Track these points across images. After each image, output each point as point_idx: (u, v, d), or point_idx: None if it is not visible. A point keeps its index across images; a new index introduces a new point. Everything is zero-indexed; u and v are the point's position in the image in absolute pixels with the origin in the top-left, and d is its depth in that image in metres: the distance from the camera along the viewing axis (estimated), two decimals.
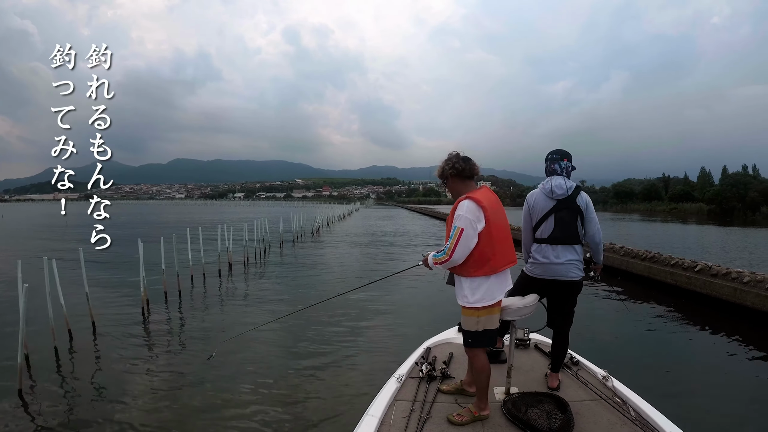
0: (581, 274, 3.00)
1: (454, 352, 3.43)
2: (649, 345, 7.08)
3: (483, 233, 2.48)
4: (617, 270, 12.44)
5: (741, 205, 55.05)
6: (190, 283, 10.65)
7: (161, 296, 9.23)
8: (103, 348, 6.46)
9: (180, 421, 4.35)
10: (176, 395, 4.89)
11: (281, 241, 19.75)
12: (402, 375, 3.03)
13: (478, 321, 2.54)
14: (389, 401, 2.72)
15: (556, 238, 2.94)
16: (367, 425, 2.44)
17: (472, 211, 2.47)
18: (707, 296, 9.33)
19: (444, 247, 2.53)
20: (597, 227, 3.02)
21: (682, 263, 10.28)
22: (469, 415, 2.55)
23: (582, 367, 3.28)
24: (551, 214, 2.94)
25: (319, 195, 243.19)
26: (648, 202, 75.95)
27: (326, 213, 34.99)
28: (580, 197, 2.96)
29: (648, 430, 2.38)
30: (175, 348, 6.54)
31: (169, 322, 7.80)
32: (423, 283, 10.81)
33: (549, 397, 2.69)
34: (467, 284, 2.55)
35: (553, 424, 2.41)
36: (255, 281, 11.63)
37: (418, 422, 2.49)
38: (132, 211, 64.30)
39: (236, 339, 6.11)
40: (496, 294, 2.57)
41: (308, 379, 5.30)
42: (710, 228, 34.79)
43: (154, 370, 5.66)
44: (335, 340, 6.71)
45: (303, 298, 9.66)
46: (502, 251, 2.57)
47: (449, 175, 2.69)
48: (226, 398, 4.77)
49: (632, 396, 2.76)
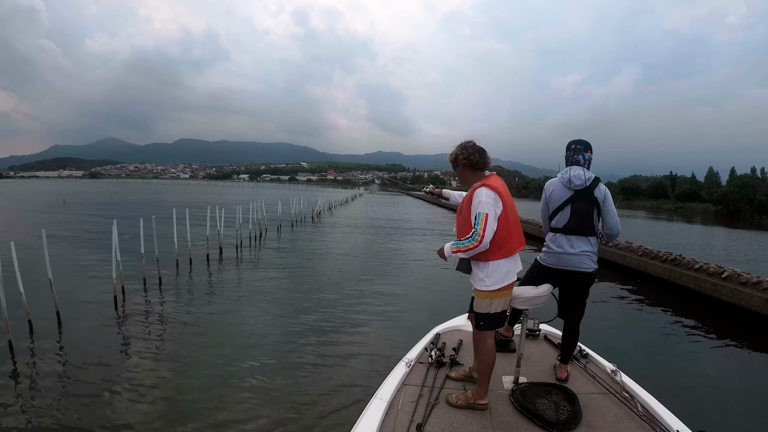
0: (594, 266, 2.98)
1: (463, 339, 3.46)
2: (661, 346, 6.68)
3: (501, 217, 2.55)
4: (635, 271, 11.71)
5: (749, 207, 54.12)
6: (175, 270, 9.95)
7: (139, 283, 8.57)
8: (63, 343, 5.77)
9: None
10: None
11: (278, 225, 18.93)
12: (411, 360, 3.05)
13: (491, 303, 2.59)
14: (398, 385, 2.73)
15: (571, 228, 2.93)
16: (375, 408, 2.45)
17: (491, 197, 2.52)
18: (734, 306, 8.63)
19: (468, 236, 2.51)
20: (615, 220, 2.99)
21: (707, 268, 9.52)
22: (465, 400, 2.60)
23: (591, 361, 3.27)
24: (568, 204, 2.94)
25: (324, 179, 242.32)
26: (654, 200, 75.31)
27: (328, 197, 34.24)
28: (599, 189, 2.93)
29: (655, 425, 2.36)
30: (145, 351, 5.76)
31: (144, 315, 7.00)
32: (435, 270, 10.73)
33: (557, 389, 2.71)
34: (485, 268, 2.59)
35: (560, 415, 2.42)
36: (244, 270, 10.89)
37: (426, 407, 2.51)
38: (131, 190, 63.79)
39: (240, 320, 6.35)
40: (510, 276, 2.63)
41: (317, 363, 5.32)
42: (718, 229, 34.12)
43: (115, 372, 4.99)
44: (346, 324, 6.77)
45: (298, 290, 8.97)
46: (516, 234, 2.66)
47: (462, 165, 2.72)
48: (230, 384, 4.72)
49: (640, 391, 2.76)
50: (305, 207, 25.13)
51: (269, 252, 13.34)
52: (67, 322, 6.33)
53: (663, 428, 2.35)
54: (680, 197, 71.12)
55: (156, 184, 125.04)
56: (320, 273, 10.67)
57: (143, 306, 7.43)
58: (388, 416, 2.44)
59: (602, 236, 3.07)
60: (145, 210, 23.30)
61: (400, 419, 2.42)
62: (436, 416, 2.46)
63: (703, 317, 8.44)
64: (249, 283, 9.36)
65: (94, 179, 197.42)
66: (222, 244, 12.40)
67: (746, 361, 6.48)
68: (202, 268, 10.37)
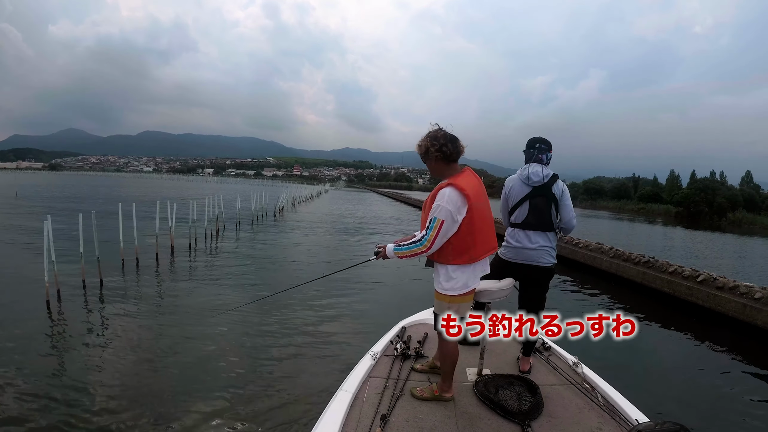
0: (553, 260, 3.04)
1: (428, 333, 3.47)
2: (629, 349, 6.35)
3: (464, 222, 2.39)
4: (606, 273, 11.30)
5: (708, 210, 56.05)
6: (120, 271, 8.82)
7: (76, 288, 7.49)
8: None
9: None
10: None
11: (237, 222, 17.72)
12: (377, 353, 3.04)
13: (450, 307, 2.49)
14: (363, 378, 2.73)
15: (529, 223, 2.98)
16: (340, 400, 2.44)
17: (453, 201, 2.35)
18: (710, 310, 8.27)
19: (418, 238, 2.41)
20: (572, 215, 3.03)
21: (682, 271, 9.13)
22: (430, 393, 2.59)
23: (553, 353, 3.33)
24: (526, 200, 2.99)
25: (290, 174, 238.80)
26: (617, 201, 77.40)
27: (292, 193, 33.07)
28: (556, 185, 2.98)
29: (615, 415, 2.42)
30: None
31: (82, 323, 6.03)
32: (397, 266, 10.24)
33: (520, 380, 2.75)
34: (443, 271, 2.49)
35: (523, 405, 2.44)
36: (197, 269, 9.85)
37: (391, 399, 2.52)
38: (90, 183, 60.65)
39: (199, 324, 5.99)
40: (470, 283, 2.51)
41: (282, 358, 5.24)
42: (680, 230, 34.95)
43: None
44: (306, 324, 6.47)
45: (256, 288, 8.07)
46: (482, 240, 2.49)
47: (434, 158, 2.48)
48: (193, 385, 4.49)
49: (600, 382, 2.81)
50: (267, 203, 23.96)
51: (225, 251, 12.28)
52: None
53: (622, 417, 2.40)
54: (642, 198, 73.27)
55: (117, 177, 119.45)
56: (281, 271, 10.06)
57: (81, 312, 6.49)
58: (353, 408, 2.44)
59: (558, 231, 3.11)
60: (98, 204, 21.68)
61: (365, 411, 2.42)
62: (400, 407, 2.48)
63: (678, 321, 8.10)
64: (202, 283, 8.45)
65: (54, 171, 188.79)
66: (173, 241, 11.17)
67: (727, 363, 6.36)
68: (150, 269, 9.29)
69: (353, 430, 2.25)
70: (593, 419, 2.42)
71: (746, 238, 31.40)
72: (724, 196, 56.89)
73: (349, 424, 2.29)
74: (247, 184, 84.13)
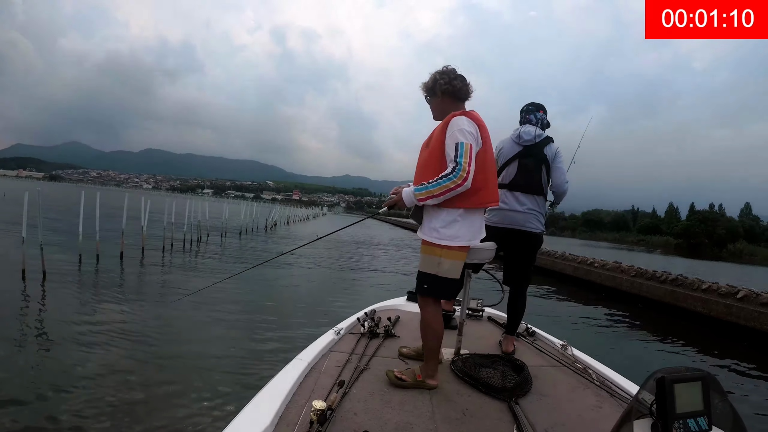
0: (541, 227, 2.76)
1: (401, 317, 3.08)
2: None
3: (479, 155, 1.95)
4: (628, 294, 10.19)
5: (708, 241, 55.30)
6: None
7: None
8: None
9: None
10: None
11: (223, 233, 16.59)
12: (341, 329, 2.63)
13: (441, 262, 1.97)
14: (323, 350, 2.30)
15: (517, 184, 2.74)
16: (294, 368, 2.00)
17: (472, 126, 1.94)
18: (755, 330, 7.17)
19: (447, 171, 1.88)
20: (564, 178, 2.79)
21: (718, 288, 8.05)
22: (412, 378, 2.02)
23: (539, 338, 2.99)
24: (515, 159, 2.76)
25: (289, 199, 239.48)
26: (617, 232, 77.00)
27: (287, 212, 32.26)
28: (549, 147, 2.75)
29: (613, 393, 2.12)
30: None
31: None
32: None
33: (503, 359, 2.36)
34: (444, 215, 1.97)
35: (507, 383, 2.04)
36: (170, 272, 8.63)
37: (353, 372, 2.08)
38: (86, 195, 59.57)
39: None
40: (476, 234, 2.03)
41: (244, 342, 4.88)
42: (679, 259, 34.12)
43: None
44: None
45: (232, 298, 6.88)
46: (492, 182, 2.07)
47: (441, 93, 2.07)
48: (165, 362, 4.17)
49: (593, 362, 2.51)
50: (258, 217, 23.06)
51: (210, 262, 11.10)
52: None
53: (622, 394, 2.08)
54: (642, 230, 72.88)
55: (116, 191, 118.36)
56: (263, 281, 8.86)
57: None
58: (308, 377, 1.99)
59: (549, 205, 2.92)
60: (75, 215, 20.61)
61: (321, 381, 1.96)
62: (363, 380, 2.03)
63: (719, 343, 6.94)
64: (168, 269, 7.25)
65: (53, 182, 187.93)
66: (144, 244, 10.06)
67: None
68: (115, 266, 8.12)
69: (305, 399, 1.79)
70: (590, 397, 2.11)
71: (747, 267, 30.71)
72: (725, 227, 56.26)
73: (300, 393, 1.85)
74: (244, 205, 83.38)
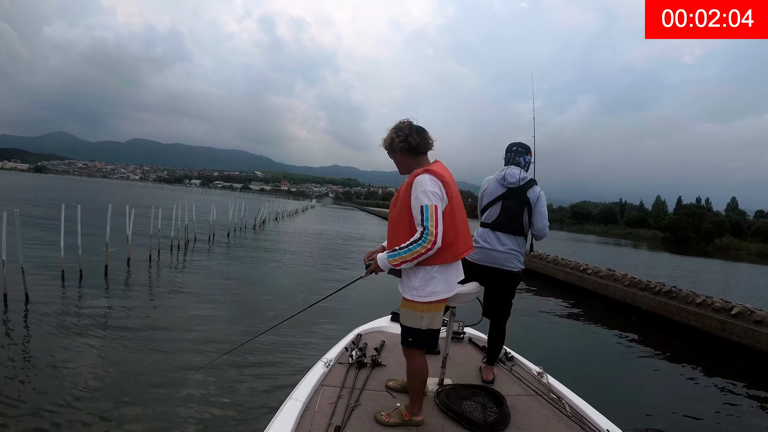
0: (521, 266, 2.90)
1: (386, 341, 3.23)
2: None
3: (446, 213, 2.07)
4: (621, 303, 10.11)
5: (695, 235, 55.87)
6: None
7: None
8: None
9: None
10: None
11: (211, 234, 16.22)
12: (330, 360, 2.78)
13: (423, 317, 2.10)
14: (315, 386, 2.47)
15: (500, 225, 2.86)
16: (290, 409, 2.18)
17: (438, 187, 2.03)
18: (748, 348, 7.13)
19: (416, 237, 1.99)
20: (545, 222, 2.89)
21: (712, 303, 7.98)
22: (399, 418, 2.19)
23: (517, 363, 3.15)
24: (499, 200, 2.88)
25: (278, 189, 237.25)
26: (604, 225, 77.57)
27: (276, 207, 31.63)
28: (532, 190, 2.85)
29: (584, 425, 2.27)
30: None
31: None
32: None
33: (484, 390, 2.57)
34: (421, 274, 2.08)
35: (488, 417, 2.25)
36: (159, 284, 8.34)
37: (345, 409, 2.26)
38: (70, 187, 58.49)
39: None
40: (452, 286, 2.15)
41: (230, 369, 4.73)
42: (666, 255, 34.32)
43: None
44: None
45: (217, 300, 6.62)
46: (464, 234, 2.19)
47: (399, 150, 2.21)
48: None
49: (567, 392, 2.65)
50: (247, 214, 22.56)
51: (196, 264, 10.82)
52: None
53: (592, 428, 2.25)
54: (629, 223, 73.45)
55: (102, 183, 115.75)
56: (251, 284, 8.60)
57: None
58: (303, 418, 2.16)
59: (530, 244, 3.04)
60: (58, 208, 20.01)
61: (317, 421, 2.14)
62: (356, 418, 2.20)
63: (716, 362, 6.90)
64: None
65: (38, 173, 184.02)
66: (129, 251, 9.70)
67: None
68: (100, 281, 7.82)
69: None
70: (562, 430, 2.25)
71: (734, 264, 30.94)
72: (711, 222, 56.88)
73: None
74: (233, 196, 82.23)
